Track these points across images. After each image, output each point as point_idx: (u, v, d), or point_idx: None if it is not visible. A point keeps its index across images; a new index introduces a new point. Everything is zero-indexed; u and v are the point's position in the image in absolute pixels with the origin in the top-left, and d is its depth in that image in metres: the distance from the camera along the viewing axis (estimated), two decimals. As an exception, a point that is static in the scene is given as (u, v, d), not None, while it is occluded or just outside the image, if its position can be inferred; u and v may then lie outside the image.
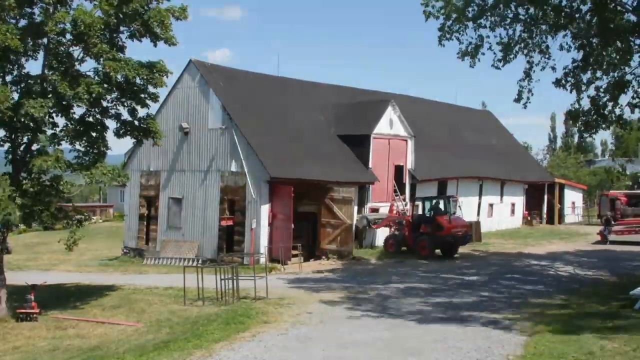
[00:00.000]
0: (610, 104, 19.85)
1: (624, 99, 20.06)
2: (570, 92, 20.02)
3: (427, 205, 29.11)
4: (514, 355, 11.22)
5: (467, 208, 38.16)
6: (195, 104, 29.50)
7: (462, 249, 28.72)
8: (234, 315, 15.27)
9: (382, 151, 31.59)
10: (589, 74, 19.92)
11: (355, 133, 31.21)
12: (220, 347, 12.26)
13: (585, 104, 20.20)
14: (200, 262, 26.27)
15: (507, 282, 20.70)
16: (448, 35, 19.95)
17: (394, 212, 31.25)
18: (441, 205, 28.58)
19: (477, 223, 35.07)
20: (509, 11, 19.60)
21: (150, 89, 18.37)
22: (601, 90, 19.82)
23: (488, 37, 20.10)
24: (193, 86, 29.53)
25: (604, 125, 20.45)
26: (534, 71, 20.48)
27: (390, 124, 32.10)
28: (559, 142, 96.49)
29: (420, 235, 27.71)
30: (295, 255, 26.06)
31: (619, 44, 18.85)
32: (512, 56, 20.27)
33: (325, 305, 16.60)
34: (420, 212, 29.74)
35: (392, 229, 30.13)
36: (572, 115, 20.48)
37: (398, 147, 32.70)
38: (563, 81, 20.03)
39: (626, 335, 12.05)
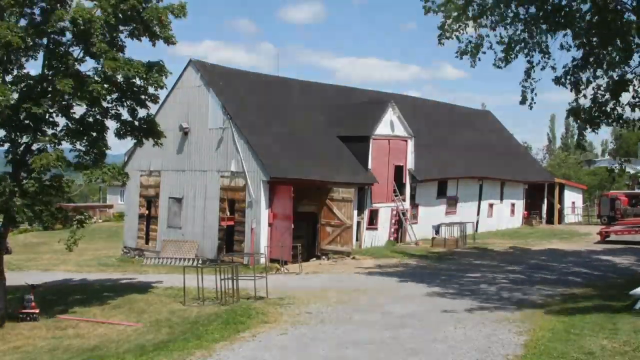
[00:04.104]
0: (611, 102, 19.87)
1: (624, 98, 20.13)
2: (571, 90, 20.00)
3: None
4: (514, 355, 11.22)
5: (466, 208, 38.36)
6: (195, 104, 29.50)
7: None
8: (233, 315, 15.27)
9: (381, 151, 31.59)
10: (588, 73, 19.92)
11: (355, 134, 31.19)
12: (220, 347, 12.26)
13: (585, 102, 20.25)
14: (200, 262, 26.28)
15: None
16: (448, 34, 19.87)
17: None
18: None
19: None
20: (509, 10, 19.57)
21: (151, 90, 18.38)
22: (601, 88, 19.84)
23: (488, 36, 20.05)
24: (193, 86, 29.53)
25: (606, 122, 20.48)
26: (534, 71, 20.35)
27: (390, 124, 32.08)
28: (559, 142, 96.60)
29: None
30: (295, 256, 26.06)
31: (619, 43, 18.84)
32: (513, 56, 20.18)
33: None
34: None
35: None
36: (573, 113, 20.46)
37: (398, 147, 32.69)
38: (563, 79, 20.02)
39: (626, 335, 12.04)
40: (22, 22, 16.91)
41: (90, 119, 18.10)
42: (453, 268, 24.42)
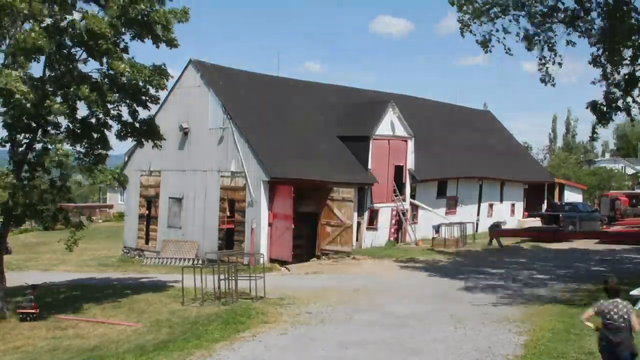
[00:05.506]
0: (621, 100, 20.38)
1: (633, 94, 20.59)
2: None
3: None
4: (514, 355, 11.23)
5: (466, 208, 38.35)
6: (195, 104, 29.50)
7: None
8: (233, 315, 15.28)
9: (381, 151, 31.58)
10: (600, 70, 20.62)
11: (355, 134, 31.17)
12: (220, 347, 12.27)
13: (599, 97, 20.94)
14: (200, 262, 26.29)
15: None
16: (466, 28, 20.72)
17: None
18: None
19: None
20: (524, 6, 20.20)
21: (152, 91, 18.41)
22: (612, 84, 20.27)
23: (498, 30, 20.91)
24: (193, 86, 29.53)
25: (615, 115, 21.12)
26: (547, 66, 21.39)
27: (390, 124, 32.07)
28: (560, 142, 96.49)
29: None
30: (295, 255, 26.08)
31: (629, 43, 19.22)
32: (532, 47, 21.15)
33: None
34: None
35: None
36: (592, 106, 20.93)
37: (398, 147, 32.69)
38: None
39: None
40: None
41: (92, 120, 18.12)
42: (452, 268, 24.40)
